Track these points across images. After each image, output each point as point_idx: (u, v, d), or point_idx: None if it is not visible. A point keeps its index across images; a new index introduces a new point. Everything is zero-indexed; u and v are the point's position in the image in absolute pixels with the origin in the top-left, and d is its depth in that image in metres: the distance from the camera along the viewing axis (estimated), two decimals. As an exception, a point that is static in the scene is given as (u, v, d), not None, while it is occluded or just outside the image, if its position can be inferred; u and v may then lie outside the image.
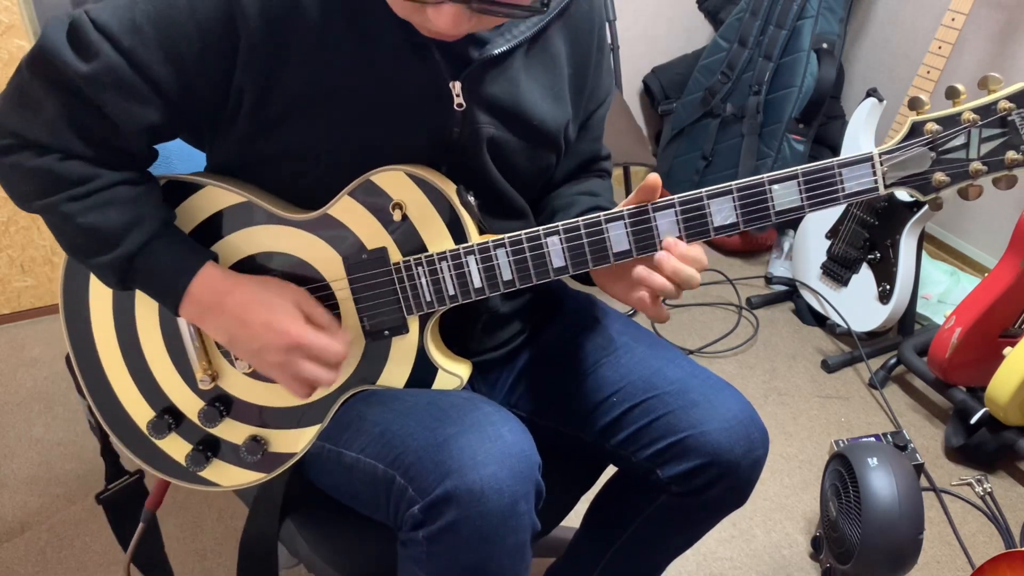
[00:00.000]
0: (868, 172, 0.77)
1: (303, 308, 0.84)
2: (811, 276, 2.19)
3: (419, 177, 0.83)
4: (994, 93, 0.74)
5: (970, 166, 0.76)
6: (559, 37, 0.91)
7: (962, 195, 0.78)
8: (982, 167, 0.75)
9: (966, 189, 0.77)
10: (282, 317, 0.82)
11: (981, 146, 0.75)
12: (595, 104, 1.01)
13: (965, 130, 0.75)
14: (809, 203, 0.78)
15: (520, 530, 0.78)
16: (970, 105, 0.75)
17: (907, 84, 1.92)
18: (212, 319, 0.83)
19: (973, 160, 0.76)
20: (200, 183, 0.87)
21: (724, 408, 0.91)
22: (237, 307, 0.82)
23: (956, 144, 0.76)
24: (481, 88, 0.85)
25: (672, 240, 0.80)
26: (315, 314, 0.85)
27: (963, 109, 0.75)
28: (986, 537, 1.59)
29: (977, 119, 0.74)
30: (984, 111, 0.74)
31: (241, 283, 0.84)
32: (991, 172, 0.76)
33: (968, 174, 0.76)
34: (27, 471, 1.69)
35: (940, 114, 0.76)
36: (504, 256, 0.84)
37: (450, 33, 0.74)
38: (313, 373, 0.82)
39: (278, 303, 0.83)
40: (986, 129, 0.75)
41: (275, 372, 0.84)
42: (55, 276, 2.14)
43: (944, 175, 0.77)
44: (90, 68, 0.74)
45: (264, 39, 0.77)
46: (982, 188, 0.77)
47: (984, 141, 0.75)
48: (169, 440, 0.95)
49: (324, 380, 0.84)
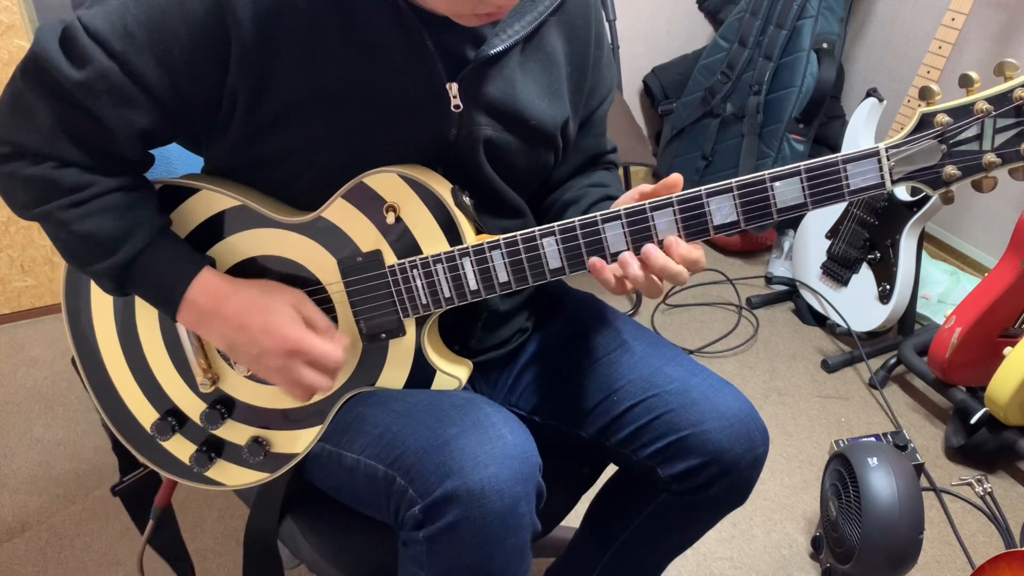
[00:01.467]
0: (874, 167, 0.74)
1: (301, 311, 0.84)
2: (811, 276, 2.19)
3: (412, 179, 0.82)
4: (1010, 80, 0.70)
5: (983, 158, 0.72)
6: (555, 35, 0.91)
7: (976, 187, 0.74)
8: (996, 159, 0.71)
9: (980, 181, 0.73)
10: (281, 322, 0.81)
11: (995, 137, 0.71)
12: (597, 101, 1.00)
13: (978, 121, 0.71)
14: (812, 200, 0.76)
15: (521, 531, 0.78)
16: (984, 94, 0.71)
17: (907, 84, 1.92)
18: (211, 325, 0.83)
19: (987, 152, 0.72)
20: (195, 187, 0.87)
21: (724, 407, 0.91)
22: (235, 313, 0.82)
23: (968, 136, 0.72)
24: (478, 89, 0.85)
25: (673, 239, 0.79)
26: (313, 318, 0.84)
27: (976, 99, 0.71)
28: (986, 537, 1.59)
29: (991, 109, 0.70)
30: (999, 100, 0.70)
31: (239, 288, 0.83)
32: (1006, 164, 0.72)
33: (981, 167, 0.72)
34: (27, 471, 1.69)
35: (951, 104, 0.72)
36: (500, 258, 0.83)
37: (507, 3, 0.73)
38: (311, 379, 0.82)
39: (276, 307, 0.82)
40: (1001, 119, 0.70)
41: (274, 377, 0.84)
42: (55, 276, 2.14)
43: (955, 168, 0.73)
44: (83, 75, 0.74)
45: (256, 42, 0.76)
46: (996, 179, 0.73)
47: (999, 132, 0.71)
48: (173, 441, 0.95)
49: (322, 386, 0.84)
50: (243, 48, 0.76)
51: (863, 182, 0.75)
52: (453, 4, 0.74)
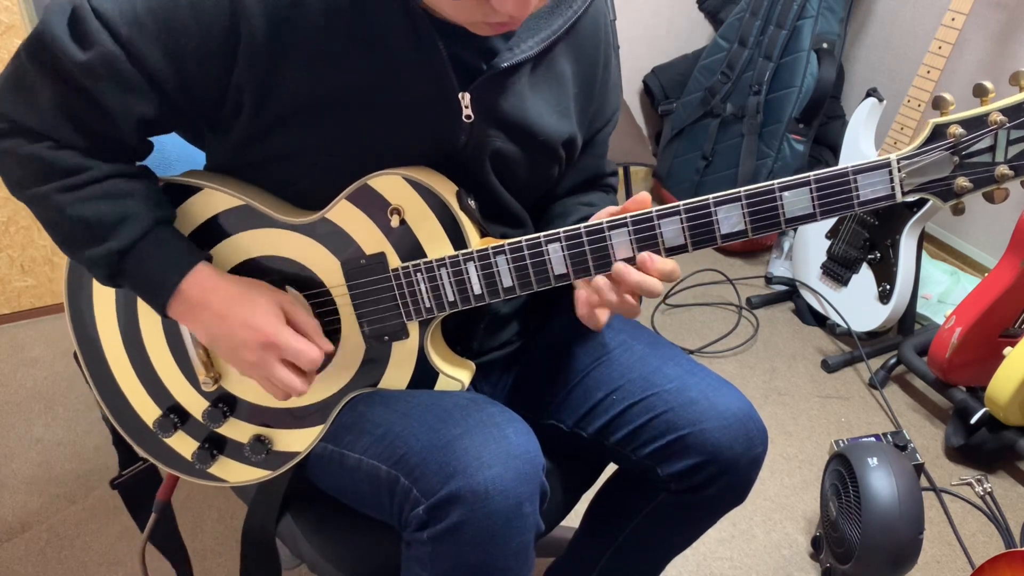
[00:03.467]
0: (885, 179, 0.73)
1: (286, 310, 0.83)
2: (811, 276, 2.19)
3: (417, 182, 0.82)
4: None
5: (996, 170, 0.71)
6: (565, 57, 0.91)
7: (987, 199, 0.73)
8: (1009, 171, 0.71)
9: (991, 193, 0.73)
10: (260, 315, 0.81)
11: (1009, 148, 0.70)
12: (601, 123, 1.01)
13: (992, 132, 0.70)
14: (821, 210, 0.75)
15: (524, 531, 0.78)
16: (998, 105, 0.70)
17: (907, 84, 1.92)
18: (196, 317, 0.83)
19: (999, 164, 0.71)
20: (198, 185, 0.87)
21: (723, 406, 0.91)
22: (220, 304, 0.82)
23: (981, 147, 0.71)
24: (489, 100, 0.85)
25: (647, 256, 0.79)
26: (299, 319, 0.84)
27: (990, 109, 0.70)
28: (986, 537, 1.59)
29: (1005, 120, 0.70)
30: (1014, 111, 0.69)
31: (229, 283, 0.83)
32: (1019, 176, 0.71)
33: (993, 179, 0.71)
34: (27, 471, 1.69)
35: (964, 115, 0.71)
36: (504, 263, 0.83)
37: (519, 15, 0.71)
38: (284, 377, 0.82)
39: (260, 302, 0.82)
40: (1015, 131, 0.70)
41: (251, 371, 0.83)
42: (55, 276, 2.14)
43: (967, 180, 0.72)
44: (87, 57, 0.74)
45: (266, 39, 0.76)
46: (1008, 191, 0.73)
47: (1012, 143, 0.70)
48: (176, 438, 0.95)
49: (294, 386, 0.82)
50: (252, 44, 0.76)
51: (873, 194, 0.74)
52: (465, 12, 0.74)
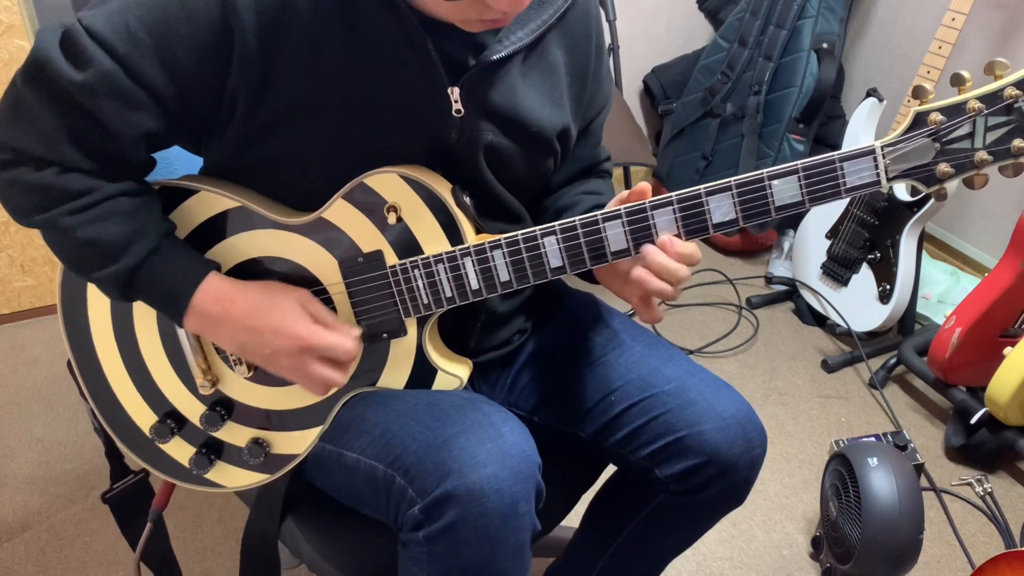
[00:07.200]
0: (870, 165, 0.76)
1: (308, 308, 0.84)
2: (811, 276, 2.19)
3: (413, 179, 0.82)
4: (1000, 80, 0.72)
5: (975, 156, 0.74)
6: (557, 45, 0.91)
7: (968, 184, 0.76)
8: (987, 156, 0.74)
9: (972, 178, 0.76)
10: (289, 320, 0.82)
11: (987, 135, 0.73)
12: (595, 111, 1.01)
13: (970, 119, 0.73)
14: (810, 197, 0.77)
15: (520, 530, 0.78)
16: (975, 93, 0.73)
17: (907, 84, 1.92)
18: (219, 330, 0.83)
19: (978, 149, 0.74)
20: (194, 188, 0.87)
21: (722, 407, 0.91)
22: (243, 315, 0.82)
23: (961, 134, 0.74)
24: (480, 94, 0.85)
25: (667, 239, 0.80)
26: (320, 313, 0.85)
27: (968, 97, 0.73)
28: (986, 537, 1.59)
29: (983, 108, 0.72)
30: (990, 99, 0.72)
31: (245, 291, 0.83)
32: (997, 161, 0.74)
33: (973, 164, 0.74)
34: (27, 471, 1.69)
35: (944, 103, 0.74)
36: (501, 257, 0.83)
37: (513, 11, 0.73)
38: (325, 374, 0.83)
39: (284, 306, 0.83)
40: (992, 117, 0.73)
41: (290, 375, 0.84)
42: (55, 276, 2.13)
43: (948, 166, 0.75)
44: (85, 77, 0.74)
45: (258, 43, 0.76)
46: (988, 176, 0.75)
47: (990, 130, 0.73)
48: (172, 444, 0.95)
49: (335, 380, 0.84)
50: (245, 49, 0.76)
51: (859, 180, 0.76)
52: (458, 11, 0.74)
